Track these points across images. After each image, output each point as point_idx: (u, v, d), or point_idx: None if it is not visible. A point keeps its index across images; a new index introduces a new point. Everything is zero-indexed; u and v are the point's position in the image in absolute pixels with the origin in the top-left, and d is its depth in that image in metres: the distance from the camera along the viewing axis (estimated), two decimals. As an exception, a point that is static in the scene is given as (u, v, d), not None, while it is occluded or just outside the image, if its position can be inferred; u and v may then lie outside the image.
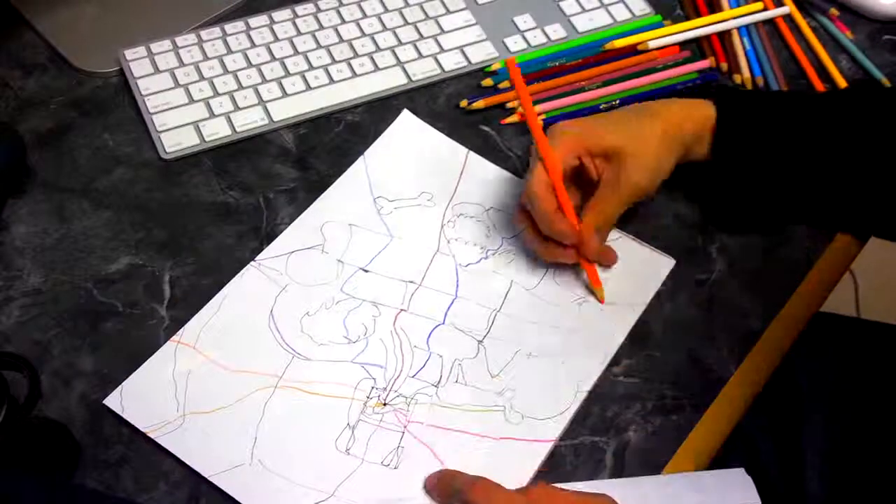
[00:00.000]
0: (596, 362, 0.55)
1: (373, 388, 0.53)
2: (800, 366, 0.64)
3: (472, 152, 0.64)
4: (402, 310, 0.56)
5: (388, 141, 0.65)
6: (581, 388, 0.54)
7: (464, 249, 0.59)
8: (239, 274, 0.57)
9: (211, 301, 0.56)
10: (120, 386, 0.52)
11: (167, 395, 0.52)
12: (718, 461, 0.54)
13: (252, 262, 0.58)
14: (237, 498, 0.49)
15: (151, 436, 0.50)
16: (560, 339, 0.56)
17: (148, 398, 0.52)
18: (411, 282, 0.58)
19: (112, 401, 0.52)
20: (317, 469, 0.50)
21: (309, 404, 0.52)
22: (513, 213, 0.59)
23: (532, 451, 0.51)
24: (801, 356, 0.61)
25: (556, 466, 0.52)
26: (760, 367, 0.57)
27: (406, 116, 0.66)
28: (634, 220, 0.62)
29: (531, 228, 0.57)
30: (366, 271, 0.58)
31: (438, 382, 0.54)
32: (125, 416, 0.51)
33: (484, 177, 0.63)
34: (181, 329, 0.55)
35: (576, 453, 0.52)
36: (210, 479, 0.49)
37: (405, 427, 0.52)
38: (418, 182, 0.63)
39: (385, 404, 0.52)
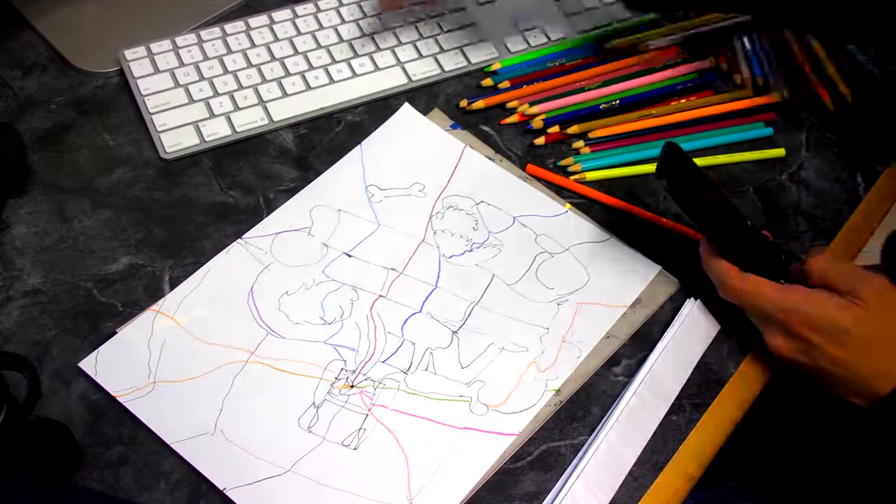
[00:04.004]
0: (569, 362, 0.55)
1: (342, 369, 0.54)
2: None
3: (468, 147, 0.64)
4: (380, 296, 0.57)
5: (386, 132, 0.65)
6: (550, 387, 0.54)
7: (449, 241, 0.60)
8: (224, 250, 0.58)
9: (194, 274, 0.57)
10: (96, 350, 0.53)
11: (140, 363, 0.53)
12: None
13: (238, 240, 0.59)
14: (196, 466, 0.50)
15: (120, 400, 0.51)
16: (535, 336, 0.56)
17: (121, 364, 0.53)
18: (393, 269, 0.58)
19: (86, 364, 0.53)
20: (277, 444, 0.51)
21: (277, 381, 0.53)
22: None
23: (494, 443, 0.52)
24: None
25: (555, 465, 0.52)
26: (760, 367, 0.57)
27: (406, 109, 0.67)
28: (634, 220, 0.62)
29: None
30: (349, 256, 0.58)
31: (408, 369, 0.54)
32: (97, 379, 0.52)
33: (478, 171, 0.63)
34: (162, 299, 0.56)
35: (574, 452, 0.52)
36: (172, 445, 0.50)
37: (369, 410, 0.52)
38: (412, 173, 0.63)
39: (352, 386, 0.53)
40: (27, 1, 0.71)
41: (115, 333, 0.54)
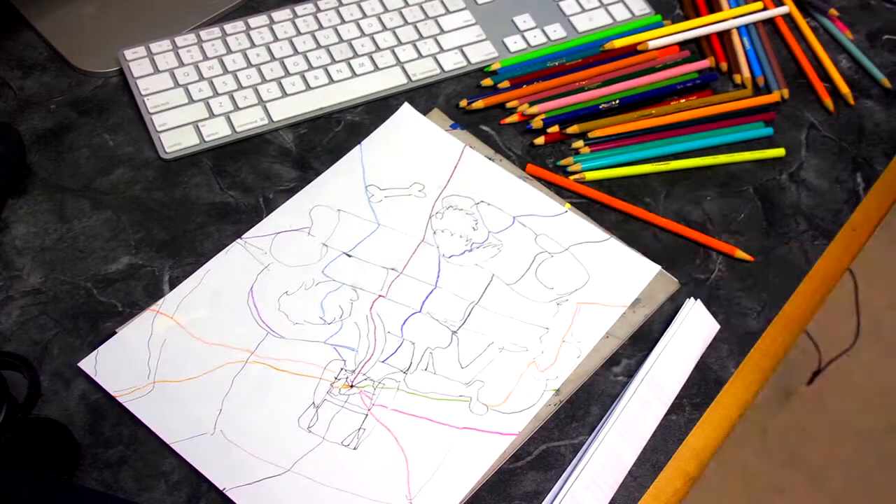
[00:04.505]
0: (569, 361, 0.55)
1: (342, 369, 0.54)
2: None
3: (468, 147, 0.64)
4: (380, 296, 0.57)
5: (386, 131, 0.65)
6: (549, 387, 0.54)
7: (449, 241, 0.60)
8: (224, 250, 0.58)
9: (193, 274, 0.57)
10: (95, 350, 0.53)
11: (140, 363, 0.53)
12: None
13: (238, 240, 0.59)
14: (196, 466, 0.50)
15: (120, 400, 0.52)
16: (535, 335, 0.56)
17: (121, 364, 0.53)
18: (393, 269, 0.58)
19: (86, 364, 0.53)
20: (277, 444, 0.51)
21: (277, 380, 0.53)
22: None
23: (493, 443, 0.52)
24: None
25: (554, 465, 0.52)
26: (760, 367, 0.57)
27: (406, 109, 0.67)
28: (634, 220, 0.62)
29: None
30: (349, 256, 0.59)
31: (408, 369, 0.54)
32: (97, 379, 0.52)
33: (478, 171, 0.63)
34: (161, 299, 0.56)
35: (574, 452, 0.52)
36: (172, 445, 0.50)
37: (369, 410, 0.53)
38: (412, 173, 0.63)
39: (352, 386, 0.53)
40: (27, 1, 0.71)
41: (114, 333, 0.54)
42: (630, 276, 0.59)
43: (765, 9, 0.75)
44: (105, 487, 0.49)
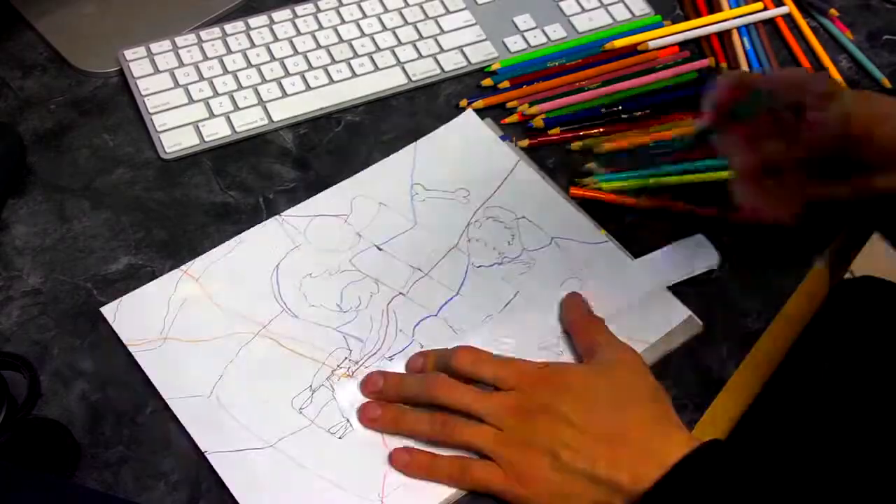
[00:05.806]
0: None
1: (346, 358, 0.54)
2: None
3: (522, 162, 0.64)
4: (400, 293, 0.57)
5: (444, 134, 0.65)
6: None
7: (482, 251, 0.59)
8: (261, 223, 0.59)
9: (226, 242, 0.58)
10: (119, 298, 0.55)
11: (157, 318, 0.55)
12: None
13: (277, 216, 0.60)
14: (185, 425, 0.51)
15: (130, 349, 0.53)
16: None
17: (139, 315, 0.55)
18: (419, 269, 0.58)
19: (107, 310, 0.55)
20: (266, 419, 0.51)
21: (281, 358, 0.54)
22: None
23: None
24: None
25: (555, 466, 0.51)
26: (760, 367, 0.57)
27: (469, 115, 0.66)
28: (634, 220, 0.62)
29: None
30: (379, 249, 0.59)
31: None
32: (114, 325, 0.54)
33: (526, 187, 0.63)
34: (192, 261, 0.57)
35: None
36: (167, 401, 0.51)
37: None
38: (459, 178, 0.63)
39: (351, 376, 0.53)
40: (27, 1, 0.71)
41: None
42: (658, 315, 0.57)
43: (765, 9, 0.75)
44: (105, 487, 0.49)
